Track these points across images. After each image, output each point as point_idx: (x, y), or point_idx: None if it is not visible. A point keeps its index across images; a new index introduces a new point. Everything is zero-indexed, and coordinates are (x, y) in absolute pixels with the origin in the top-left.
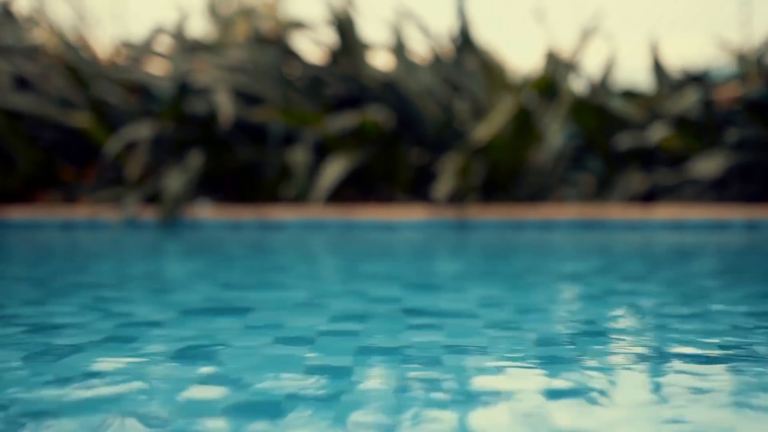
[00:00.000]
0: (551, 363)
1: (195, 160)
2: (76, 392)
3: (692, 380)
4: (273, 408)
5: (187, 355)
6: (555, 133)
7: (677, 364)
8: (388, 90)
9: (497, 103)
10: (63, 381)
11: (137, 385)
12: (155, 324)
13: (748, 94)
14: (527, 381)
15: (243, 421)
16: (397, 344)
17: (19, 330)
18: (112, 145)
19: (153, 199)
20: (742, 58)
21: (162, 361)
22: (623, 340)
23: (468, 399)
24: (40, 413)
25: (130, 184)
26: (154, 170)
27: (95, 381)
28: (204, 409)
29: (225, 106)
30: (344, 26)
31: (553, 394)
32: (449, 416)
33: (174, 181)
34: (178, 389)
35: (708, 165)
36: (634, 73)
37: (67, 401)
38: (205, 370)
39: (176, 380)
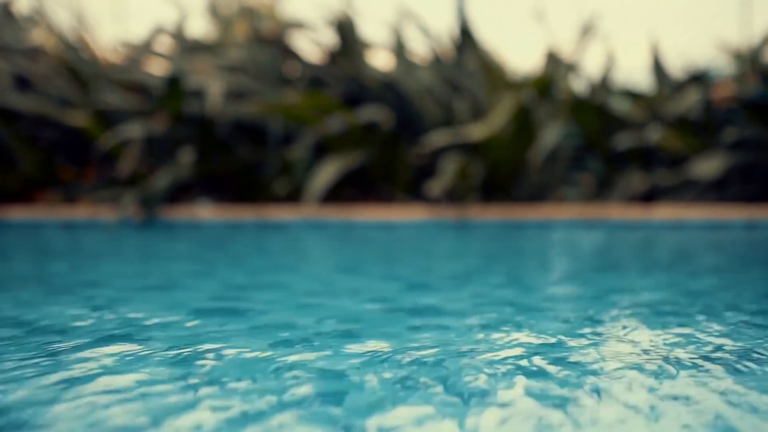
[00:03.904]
0: (549, 363)
1: (185, 156)
2: (77, 390)
3: (691, 380)
4: (273, 407)
5: (187, 354)
6: (551, 132)
7: (677, 363)
8: (388, 90)
9: (497, 103)
10: (62, 379)
11: (137, 383)
12: (155, 324)
13: (745, 93)
14: (526, 380)
15: (243, 420)
16: (397, 343)
17: (18, 329)
18: (106, 141)
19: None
20: (740, 58)
21: (163, 360)
22: (622, 340)
23: (467, 398)
24: (41, 412)
25: (126, 183)
26: (154, 170)
27: (94, 379)
28: (203, 408)
29: (215, 95)
30: (344, 26)
31: (551, 393)
32: (449, 415)
33: (160, 178)
34: (177, 388)
35: (708, 165)
36: (634, 73)
37: (67, 400)
38: (205, 369)
39: (176, 379)
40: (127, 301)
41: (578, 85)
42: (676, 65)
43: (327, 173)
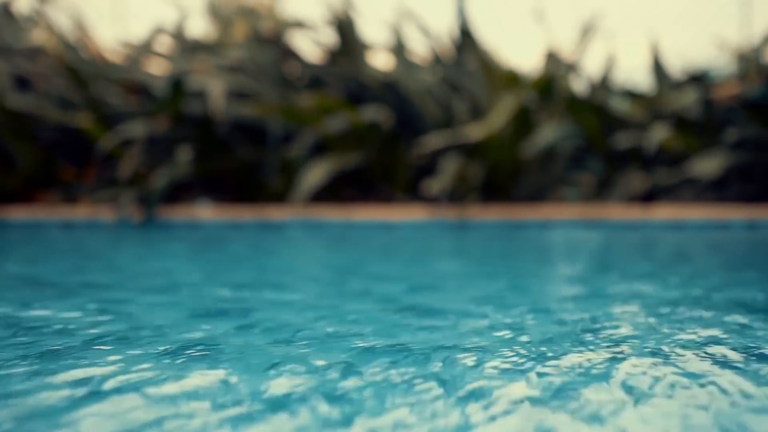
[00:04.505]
0: (549, 361)
1: (183, 155)
2: (74, 391)
3: (690, 379)
4: (273, 406)
5: (187, 353)
6: (548, 130)
7: (676, 363)
8: (387, 90)
9: (497, 103)
10: (60, 379)
11: (136, 383)
12: (154, 324)
13: (746, 93)
14: (523, 378)
15: (241, 419)
16: (397, 342)
17: (17, 329)
18: (107, 142)
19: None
20: (740, 58)
21: (162, 359)
22: (622, 339)
23: (466, 396)
24: (41, 410)
25: (125, 183)
26: (153, 170)
27: (93, 378)
28: (202, 407)
29: (217, 101)
30: (344, 26)
31: (549, 391)
32: (449, 415)
33: (158, 178)
34: (175, 387)
35: (708, 164)
36: (634, 73)
37: (66, 398)
38: (205, 367)
39: (175, 378)
40: (126, 302)
41: (578, 85)
42: (676, 65)
43: (316, 174)
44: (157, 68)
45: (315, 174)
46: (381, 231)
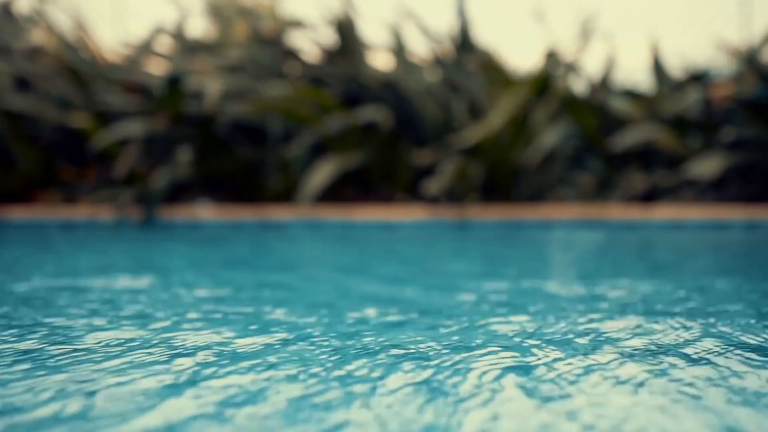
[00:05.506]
0: (547, 361)
1: (183, 156)
2: (73, 393)
3: (689, 378)
4: (270, 405)
5: (185, 353)
6: (551, 132)
7: (677, 362)
8: (387, 90)
9: (496, 104)
10: (61, 380)
11: (133, 382)
12: (155, 324)
13: (744, 93)
14: (522, 377)
15: (239, 421)
16: (396, 342)
17: (17, 329)
18: (100, 140)
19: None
20: (739, 58)
21: (162, 359)
22: (621, 339)
23: (465, 396)
24: (42, 410)
25: (123, 183)
26: (152, 170)
27: (92, 380)
28: (200, 407)
29: (212, 94)
30: (344, 26)
31: (549, 392)
32: (449, 416)
33: (158, 178)
34: (174, 386)
35: (707, 165)
36: (634, 73)
37: (64, 398)
38: (204, 366)
39: (173, 377)
40: (127, 303)
41: (578, 84)
42: (676, 65)
43: (322, 173)
44: (157, 68)
45: (321, 174)
46: (381, 231)
